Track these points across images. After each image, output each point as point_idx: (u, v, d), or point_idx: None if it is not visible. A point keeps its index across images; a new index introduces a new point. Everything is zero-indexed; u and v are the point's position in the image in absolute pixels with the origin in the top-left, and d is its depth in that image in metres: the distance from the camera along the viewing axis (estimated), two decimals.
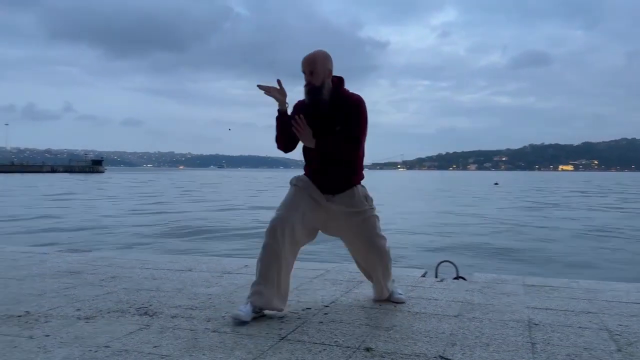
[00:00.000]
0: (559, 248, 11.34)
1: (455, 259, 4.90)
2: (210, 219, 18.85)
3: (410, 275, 4.26)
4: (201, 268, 4.51)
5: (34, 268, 4.48)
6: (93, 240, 13.05)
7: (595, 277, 7.51)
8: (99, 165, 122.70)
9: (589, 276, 7.89)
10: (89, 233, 14.08)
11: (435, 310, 3.18)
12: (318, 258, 8.17)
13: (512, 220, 17.68)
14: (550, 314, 3.11)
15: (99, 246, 11.85)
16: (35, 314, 3.02)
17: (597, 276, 7.95)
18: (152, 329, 2.75)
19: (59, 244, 11.85)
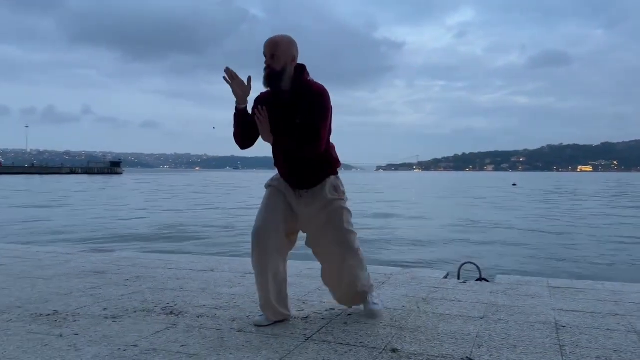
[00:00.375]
0: (582, 251, 11.18)
1: (477, 260, 4.87)
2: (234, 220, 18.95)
3: (432, 276, 4.25)
4: (223, 268, 4.54)
5: (60, 268, 4.55)
6: (118, 240, 13.20)
7: (620, 279, 7.41)
8: (117, 167, 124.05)
9: (614, 278, 7.77)
10: (114, 235, 14.26)
11: (460, 311, 3.16)
12: None
13: (534, 222, 17.48)
14: (577, 315, 3.08)
15: (122, 247, 11.98)
16: (64, 313, 3.07)
17: (622, 278, 7.83)
18: (178, 328, 2.78)
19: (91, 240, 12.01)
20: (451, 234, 14.77)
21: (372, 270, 4.41)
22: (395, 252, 11.28)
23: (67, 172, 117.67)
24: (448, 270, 4.58)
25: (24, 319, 2.96)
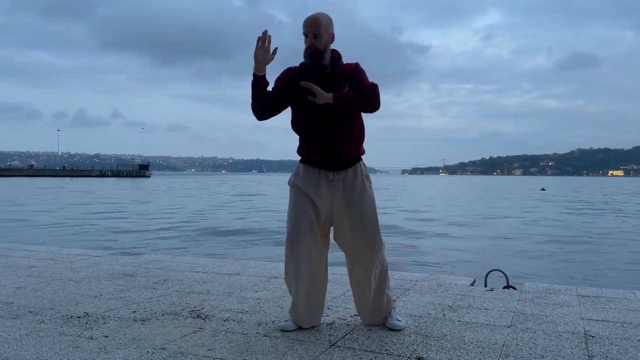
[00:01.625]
0: (615, 258, 10.91)
1: (505, 267, 4.81)
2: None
3: (458, 283, 4.21)
4: (249, 272, 4.58)
5: (90, 270, 4.65)
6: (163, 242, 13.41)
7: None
8: (146, 170, 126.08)
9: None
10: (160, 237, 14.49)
11: (487, 320, 3.13)
12: None
13: (564, 230, 17.15)
14: (607, 325, 3.01)
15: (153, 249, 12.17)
16: (94, 315, 3.14)
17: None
18: (205, 331, 2.82)
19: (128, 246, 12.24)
20: (479, 240, 14.60)
21: (397, 276, 4.42)
22: (419, 256, 11.20)
23: (97, 174, 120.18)
24: (475, 277, 4.53)
25: (56, 320, 3.04)
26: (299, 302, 2.86)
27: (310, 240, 2.79)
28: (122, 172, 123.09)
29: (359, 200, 2.79)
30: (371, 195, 2.86)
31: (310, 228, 2.79)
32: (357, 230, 2.79)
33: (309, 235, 2.79)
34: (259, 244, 13.29)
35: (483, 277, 4.41)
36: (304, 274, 2.82)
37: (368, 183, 2.86)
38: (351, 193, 2.79)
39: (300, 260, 2.80)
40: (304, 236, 2.78)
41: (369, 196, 2.84)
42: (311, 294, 2.85)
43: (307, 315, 2.86)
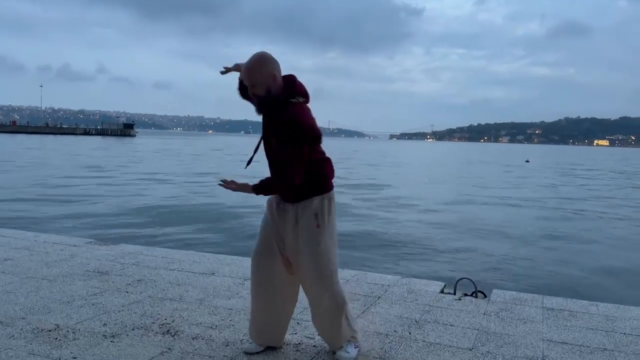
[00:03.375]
0: (593, 253, 11.08)
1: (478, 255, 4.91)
2: None
3: (429, 290, 4.29)
4: (224, 272, 4.62)
5: (65, 265, 4.66)
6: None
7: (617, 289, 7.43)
8: (131, 129, 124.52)
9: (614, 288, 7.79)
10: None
11: (450, 340, 3.21)
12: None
13: (544, 214, 17.38)
14: (564, 350, 3.12)
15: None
16: (64, 329, 3.17)
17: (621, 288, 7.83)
18: (173, 353, 2.87)
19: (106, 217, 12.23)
20: (454, 228, 14.77)
21: (370, 279, 4.50)
22: (395, 249, 11.33)
23: (81, 132, 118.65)
24: (445, 282, 4.62)
25: (26, 334, 3.06)
26: (253, 319, 2.93)
27: (270, 259, 2.82)
28: (106, 130, 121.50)
29: (303, 234, 2.74)
30: (319, 232, 2.73)
31: (270, 247, 2.82)
32: (300, 263, 2.78)
33: (270, 254, 2.82)
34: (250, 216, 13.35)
35: (453, 282, 4.49)
36: (261, 291, 2.85)
37: (319, 220, 2.73)
38: (299, 226, 2.76)
39: (258, 276, 2.85)
40: (264, 254, 2.83)
41: (315, 232, 2.73)
42: (266, 313, 2.88)
43: (259, 333, 2.91)
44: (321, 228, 2.74)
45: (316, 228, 2.73)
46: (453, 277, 7.87)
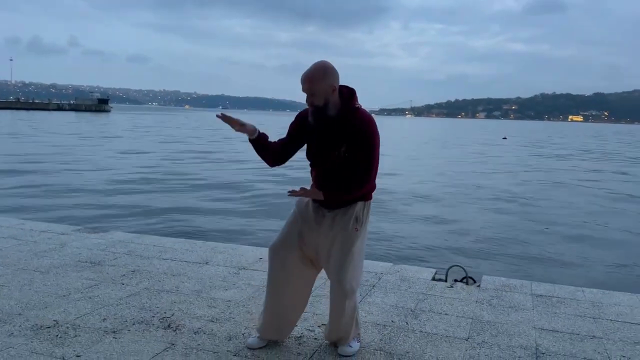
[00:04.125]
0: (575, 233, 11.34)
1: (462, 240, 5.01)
2: None
3: (421, 277, 4.38)
4: (217, 261, 4.64)
5: (56, 256, 4.62)
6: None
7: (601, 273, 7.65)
8: (105, 104, 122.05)
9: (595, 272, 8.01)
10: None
11: (446, 330, 3.30)
12: None
13: (523, 192, 17.68)
14: (556, 338, 3.23)
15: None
16: (64, 325, 3.17)
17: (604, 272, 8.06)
18: (177, 349, 2.89)
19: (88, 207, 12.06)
20: (438, 210, 14.96)
21: (363, 267, 4.55)
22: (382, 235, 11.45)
23: (54, 108, 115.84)
24: (436, 269, 4.72)
25: (26, 332, 3.05)
26: (265, 311, 2.96)
27: (290, 255, 2.86)
28: (80, 105, 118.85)
29: (340, 235, 2.79)
30: (356, 235, 2.79)
31: (292, 244, 2.87)
32: (331, 262, 2.82)
33: (290, 250, 2.86)
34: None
35: (444, 268, 4.58)
36: (277, 285, 2.90)
37: (357, 225, 2.80)
38: (336, 227, 2.81)
39: (275, 271, 2.89)
40: (285, 249, 2.87)
41: (352, 235, 2.78)
42: (279, 309, 2.92)
43: (268, 327, 2.96)
44: (358, 232, 2.80)
45: (354, 231, 2.79)
46: (439, 258, 8.04)
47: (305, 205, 2.92)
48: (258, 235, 9.18)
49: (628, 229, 11.29)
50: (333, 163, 2.75)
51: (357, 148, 2.69)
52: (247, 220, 10.74)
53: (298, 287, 2.93)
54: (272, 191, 14.46)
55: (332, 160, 2.75)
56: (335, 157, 2.73)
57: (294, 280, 2.90)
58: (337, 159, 2.73)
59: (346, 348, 2.91)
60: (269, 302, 2.94)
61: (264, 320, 2.96)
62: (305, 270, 2.92)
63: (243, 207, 12.28)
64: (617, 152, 40.82)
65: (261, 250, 5.05)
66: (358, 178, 2.72)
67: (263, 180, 16.68)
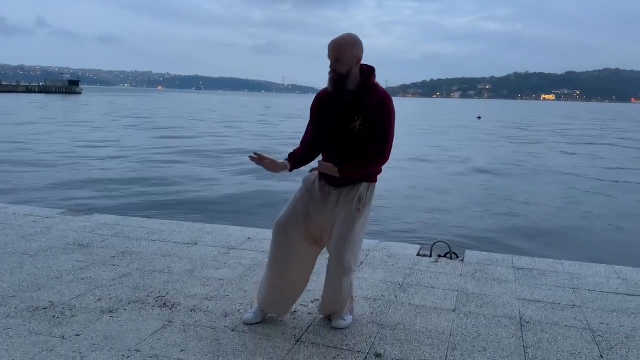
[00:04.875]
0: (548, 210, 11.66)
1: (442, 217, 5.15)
2: None
3: (407, 253, 4.51)
4: (206, 241, 4.69)
5: (42, 239, 4.61)
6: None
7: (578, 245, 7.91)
8: (76, 86, 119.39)
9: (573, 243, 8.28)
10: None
11: (434, 302, 3.43)
12: None
13: (500, 174, 18.01)
14: (539, 308, 3.39)
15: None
16: (60, 306, 3.19)
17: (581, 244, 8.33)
18: (175, 326, 2.95)
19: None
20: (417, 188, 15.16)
21: None
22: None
23: (23, 90, 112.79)
24: (420, 244, 4.85)
25: (22, 314, 3.07)
26: (267, 287, 3.01)
27: (295, 232, 2.91)
28: (50, 87, 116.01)
29: (342, 213, 2.86)
30: (358, 215, 2.85)
31: (297, 221, 2.92)
32: (332, 240, 2.89)
33: (297, 229, 2.91)
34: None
35: (428, 245, 4.71)
36: (280, 262, 2.94)
37: (360, 205, 2.86)
38: (340, 206, 2.87)
39: (279, 247, 2.93)
40: (292, 228, 2.91)
41: (354, 214, 2.84)
42: (281, 284, 2.97)
43: (270, 303, 3.03)
44: (360, 212, 2.86)
45: (356, 211, 2.85)
46: (421, 234, 8.21)
47: (312, 183, 2.97)
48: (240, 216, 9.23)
49: (601, 205, 11.65)
50: (348, 137, 2.79)
51: (373, 123, 2.76)
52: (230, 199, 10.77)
53: (301, 265, 2.99)
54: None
55: (348, 134, 2.79)
56: (351, 130, 2.78)
57: (298, 258, 2.95)
58: (353, 132, 2.77)
59: (340, 321, 3.00)
60: (272, 277, 2.98)
61: (266, 295, 3.01)
62: (309, 248, 2.98)
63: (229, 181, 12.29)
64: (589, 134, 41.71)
65: (249, 231, 5.12)
66: (373, 153, 2.78)
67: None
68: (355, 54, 2.74)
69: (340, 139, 2.83)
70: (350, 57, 2.72)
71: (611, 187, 14.38)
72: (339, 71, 2.74)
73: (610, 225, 9.70)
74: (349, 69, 2.74)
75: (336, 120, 2.83)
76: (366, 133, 2.78)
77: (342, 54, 2.71)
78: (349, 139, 2.80)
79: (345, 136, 2.81)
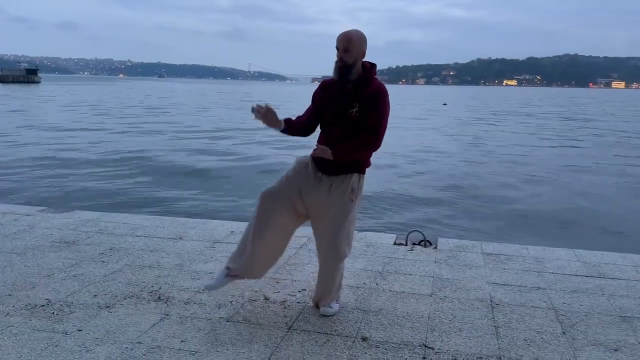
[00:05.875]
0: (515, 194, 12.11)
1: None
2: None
3: (384, 242, 4.76)
4: (191, 236, 4.84)
5: (27, 237, 4.67)
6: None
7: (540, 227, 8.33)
8: (35, 75, 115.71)
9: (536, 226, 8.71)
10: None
11: (412, 288, 3.69)
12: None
13: (465, 159, 18.50)
14: (507, 290, 3.69)
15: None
16: (57, 303, 3.32)
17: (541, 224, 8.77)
18: (172, 319, 3.13)
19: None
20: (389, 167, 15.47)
21: None
22: None
23: None
24: (396, 233, 5.12)
25: (21, 311, 3.19)
26: (245, 251, 3.17)
27: (281, 206, 3.11)
28: (7, 77, 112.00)
29: (337, 204, 3.07)
30: (350, 205, 3.07)
31: (286, 198, 3.11)
32: (324, 228, 3.13)
33: (283, 202, 3.11)
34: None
35: (403, 234, 4.97)
36: (264, 229, 3.11)
37: (353, 195, 3.07)
38: (332, 196, 3.08)
39: (264, 214, 3.11)
40: (278, 200, 3.11)
41: (347, 205, 3.06)
42: (260, 250, 3.15)
43: (247, 266, 3.19)
44: (353, 203, 3.10)
45: (349, 202, 3.08)
46: (393, 223, 8.51)
47: (304, 165, 3.17)
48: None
49: (563, 187, 12.20)
50: (345, 122, 3.03)
51: (369, 111, 3.01)
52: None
53: (281, 233, 3.18)
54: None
55: (345, 119, 3.02)
56: (348, 115, 3.02)
57: (280, 226, 3.14)
58: (350, 118, 3.01)
59: (327, 309, 3.23)
60: (252, 242, 3.12)
61: (245, 260, 3.16)
62: (292, 220, 3.18)
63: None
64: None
65: (231, 224, 5.28)
66: (367, 138, 3.01)
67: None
68: (362, 48, 3.01)
69: (337, 123, 3.06)
70: (357, 49, 2.99)
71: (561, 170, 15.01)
72: (345, 60, 2.99)
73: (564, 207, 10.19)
74: (355, 61, 3.00)
75: (336, 105, 3.08)
76: (362, 119, 3.03)
77: (350, 45, 2.96)
78: (346, 124, 3.04)
79: (343, 121, 3.04)
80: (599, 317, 3.28)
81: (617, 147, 21.83)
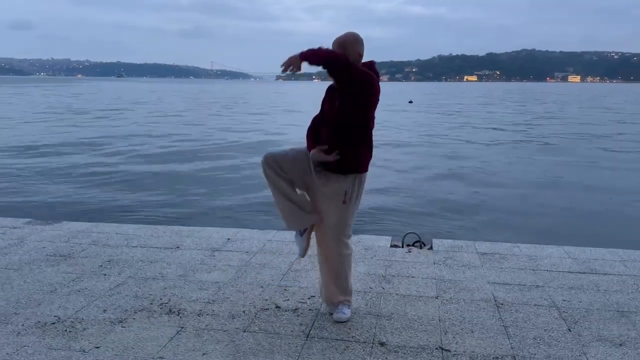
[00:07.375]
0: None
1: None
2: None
3: (380, 245, 4.85)
4: (187, 244, 4.82)
5: (20, 252, 4.57)
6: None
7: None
8: None
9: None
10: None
11: (417, 290, 3.79)
12: None
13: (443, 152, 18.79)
14: (508, 289, 3.82)
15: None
16: (67, 320, 3.27)
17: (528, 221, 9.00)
18: (188, 331, 3.13)
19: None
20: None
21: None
22: None
23: None
24: (391, 235, 5.21)
25: (32, 329, 3.13)
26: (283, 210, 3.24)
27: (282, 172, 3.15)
28: None
29: (331, 204, 3.18)
30: (343, 207, 3.17)
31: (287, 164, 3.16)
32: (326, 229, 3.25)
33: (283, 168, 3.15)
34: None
35: (399, 236, 5.07)
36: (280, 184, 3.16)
37: (347, 197, 3.15)
38: (327, 193, 3.17)
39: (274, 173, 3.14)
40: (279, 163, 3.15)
41: (339, 207, 3.17)
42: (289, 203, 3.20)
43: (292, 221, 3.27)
44: (346, 205, 3.18)
45: (342, 204, 3.16)
46: (382, 221, 8.60)
47: (304, 154, 3.25)
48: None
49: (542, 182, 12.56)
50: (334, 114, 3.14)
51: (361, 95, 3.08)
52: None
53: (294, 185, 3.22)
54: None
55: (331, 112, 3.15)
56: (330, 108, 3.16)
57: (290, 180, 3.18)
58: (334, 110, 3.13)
59: (340, 315, 3.30)
60: (281, 201, 3.20)
61: (288, 217, 3.25)
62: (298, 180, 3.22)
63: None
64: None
65: (226, 231, 5.28)
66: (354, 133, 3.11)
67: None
68: (356, 49, 3.13)
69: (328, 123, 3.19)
70: (352, 52, 3.10)
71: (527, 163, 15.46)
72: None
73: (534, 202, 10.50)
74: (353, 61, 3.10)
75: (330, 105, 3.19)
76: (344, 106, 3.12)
77: (344, 49, 3.09)
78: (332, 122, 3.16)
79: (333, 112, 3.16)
80: (599, 313, 3.44)
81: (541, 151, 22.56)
